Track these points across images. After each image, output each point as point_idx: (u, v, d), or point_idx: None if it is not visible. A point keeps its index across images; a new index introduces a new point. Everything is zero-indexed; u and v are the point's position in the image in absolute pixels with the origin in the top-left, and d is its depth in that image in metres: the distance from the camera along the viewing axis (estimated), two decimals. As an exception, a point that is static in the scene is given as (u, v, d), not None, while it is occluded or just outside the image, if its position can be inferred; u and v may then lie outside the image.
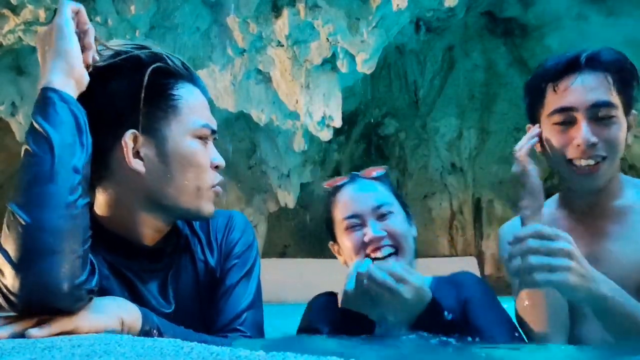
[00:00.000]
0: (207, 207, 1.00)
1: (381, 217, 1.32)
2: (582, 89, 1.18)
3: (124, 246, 0.98)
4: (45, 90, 0.82)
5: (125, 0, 5.74)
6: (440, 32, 8.62)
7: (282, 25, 6.04)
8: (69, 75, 0.84)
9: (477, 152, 9.52)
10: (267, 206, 9.22)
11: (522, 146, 1.26)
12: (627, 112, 1.23)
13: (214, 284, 1.06)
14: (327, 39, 6.04)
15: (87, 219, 0.81)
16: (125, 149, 0.93)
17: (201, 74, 6.64)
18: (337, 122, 6.48)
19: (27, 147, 0.79)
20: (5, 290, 0.74)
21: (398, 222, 1.33)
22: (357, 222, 1.33)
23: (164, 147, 0.96)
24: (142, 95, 0.93)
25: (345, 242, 1.34)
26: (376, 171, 1.45)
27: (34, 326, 0.73)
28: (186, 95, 1.00)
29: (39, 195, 0.75)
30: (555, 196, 1.37)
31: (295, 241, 10.50)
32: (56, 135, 0.79)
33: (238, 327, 1.01)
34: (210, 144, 1.03)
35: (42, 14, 5.57)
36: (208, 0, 6.28)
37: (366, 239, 1.28)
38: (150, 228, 1.00)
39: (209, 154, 1.01)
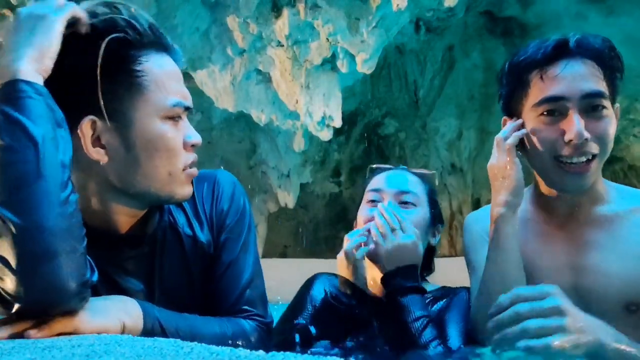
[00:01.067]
0: (182, 191, 0.90)
1: (402, 204, 1.28)
2: (573, 77, 1.07)
3: (100, 237, 0.88)
4: (15, 82, 0.74)
5: (125, 1, 5.75)
6: (440, 32, 8.63)
7: (282, 25, 6.04)
8: (39, 70, 0.76)
9: (476, 152, 9.53)
10: (267, 206, 9.22)
11: (508, 136, 1.13)
12: (612, 105, 1.11)
13: (206, 261, 0.98)
14: (327, 39, 6.04)
15: (80, 214, 0.76)
16: (82, 139, 0.82)
17: (201, 74, 6.65)
18: (337, 122, 6.48)
19: (1, 143, 0.71)
20: (7, 297, 0.71)
21: (415, 217, 1.26)
22: (377, 197, 1.30)
23: (129, 132, 0.85)
24: (99, 73, 0.81)
25: (360, 212, 1.33)
26: (423, 170, 1.43)
27: (32, 327, 0.72)
28: (153, 68, 0.86)
29: (30, 195, 0.71)
30: (526, 192, 1.21)
31: (295, 241, 10.50)
32: (36, 129, 0.72)
33: (244, 307, 0.96)
34: (185, 120, 0.90)
35: (41, 15, 5.58)
36: (208, 1, 6.28)
37: (376, 212, 1.24)
38: (124, 215, 0.91)
39: (182, 133, 0.89)
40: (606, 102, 1.07)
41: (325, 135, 6.64)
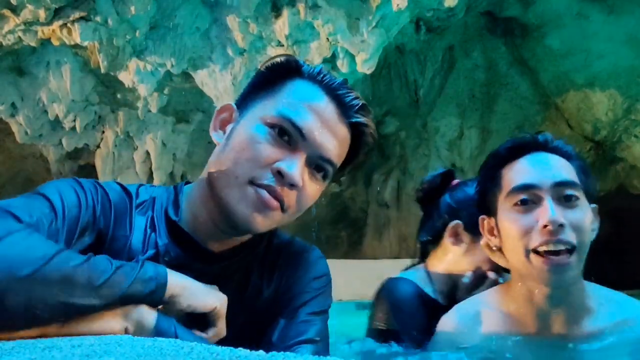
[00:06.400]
0: (242, 207, 0.83)
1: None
2: (544, 166, 1.06)
3: (185, 235, 0.89)
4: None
5: (125, 1, 5.74)
6: (440, 32, 8.62)
7: (282, 25, 6.04)
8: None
9: (478, 151, 9.51)
10: (267, 206, 9.23)
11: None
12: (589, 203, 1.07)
13: (258, 311, 0.95)
14: (327, 39, 6.04)
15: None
16: (214, 118, 0.91)
17: (201, 74, 6.65)
18: (338, 122, 6.47)
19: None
20: None
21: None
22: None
23: (238, 122, 0.89)
24: (262, 77, 0.91)
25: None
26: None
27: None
28: (295, 87, 0.88)
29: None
30: (492, 298, 1.16)
31: (296, 241, 10.50)
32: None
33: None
34: (296, 155, 0.84)
35: (42, 14, 5.57)
36: (208, 0, 6.28)
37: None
38: (213, 217, 0.88)
39: (279, 155, 0.84)
40: (580, 194, 1.03)
41: (326, 135, 6.64)
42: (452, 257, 1.42)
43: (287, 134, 0.85)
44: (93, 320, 0.71)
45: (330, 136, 0.86)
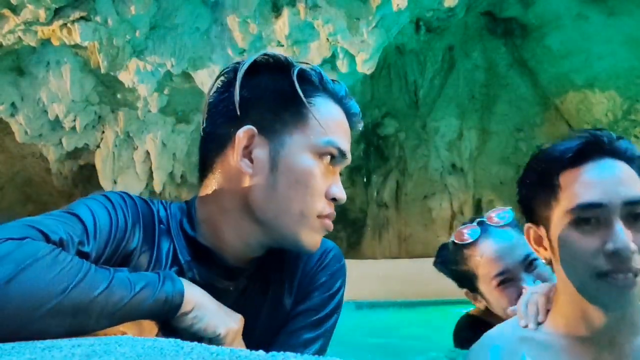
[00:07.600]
0: (309, 239, 0.87)
1: (530, 267, 1.34)
2: (612, 181, 0.94)
3: (204, 251, 0.89)
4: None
5: (125, 1, 5.74)
6: (440, 32, 8.63)
7: (282, 25, 6.04)
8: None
9: (477, 152, 9.52)
10: (267, 206, 9.24)
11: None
12: None
13: (278, 319, 0.95)
14: (327, 39, 6.04)
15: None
16: (236, 144, 0.86)
17: (201, 74, 6.65)
18: (337, 122, 6.49)
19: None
20: None
21: (544, 267, 1.31)
22: (509, 277, 1.34)
23: (278, 153, 0.86)
24: (282, 93, 0.88)
25: (501, 299, 1.35)
26: (500, 214, 1.43)
27: None
28: (321, 106, 0.89)
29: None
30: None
31: (296, 241, 10.50)
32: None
33: None
34: (337, 174, 0.90)
35: (42, 14, 5.57)
36: (208, 0, 6.28)
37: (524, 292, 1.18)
38: (240, 240, 0.89)
39: (330, 182, 0.88)
40: None
41: (326, 135, 6.65)
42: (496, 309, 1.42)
43: (333, 158, 0.89)
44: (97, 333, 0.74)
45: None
